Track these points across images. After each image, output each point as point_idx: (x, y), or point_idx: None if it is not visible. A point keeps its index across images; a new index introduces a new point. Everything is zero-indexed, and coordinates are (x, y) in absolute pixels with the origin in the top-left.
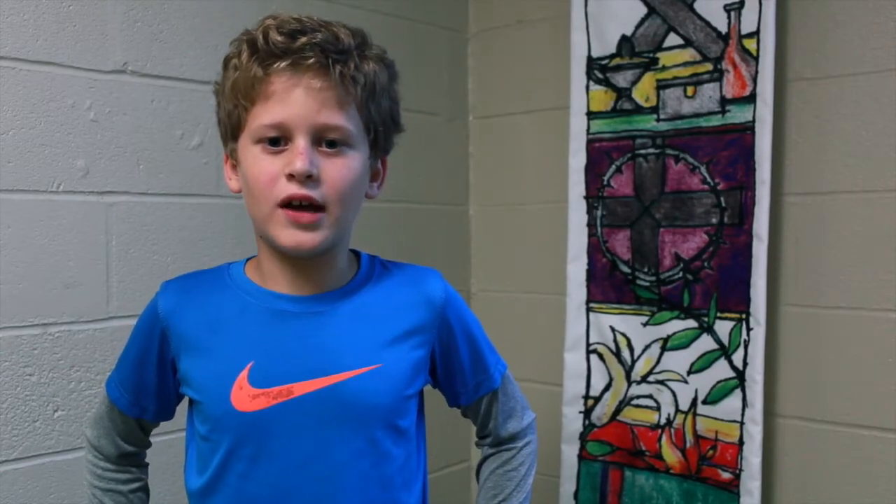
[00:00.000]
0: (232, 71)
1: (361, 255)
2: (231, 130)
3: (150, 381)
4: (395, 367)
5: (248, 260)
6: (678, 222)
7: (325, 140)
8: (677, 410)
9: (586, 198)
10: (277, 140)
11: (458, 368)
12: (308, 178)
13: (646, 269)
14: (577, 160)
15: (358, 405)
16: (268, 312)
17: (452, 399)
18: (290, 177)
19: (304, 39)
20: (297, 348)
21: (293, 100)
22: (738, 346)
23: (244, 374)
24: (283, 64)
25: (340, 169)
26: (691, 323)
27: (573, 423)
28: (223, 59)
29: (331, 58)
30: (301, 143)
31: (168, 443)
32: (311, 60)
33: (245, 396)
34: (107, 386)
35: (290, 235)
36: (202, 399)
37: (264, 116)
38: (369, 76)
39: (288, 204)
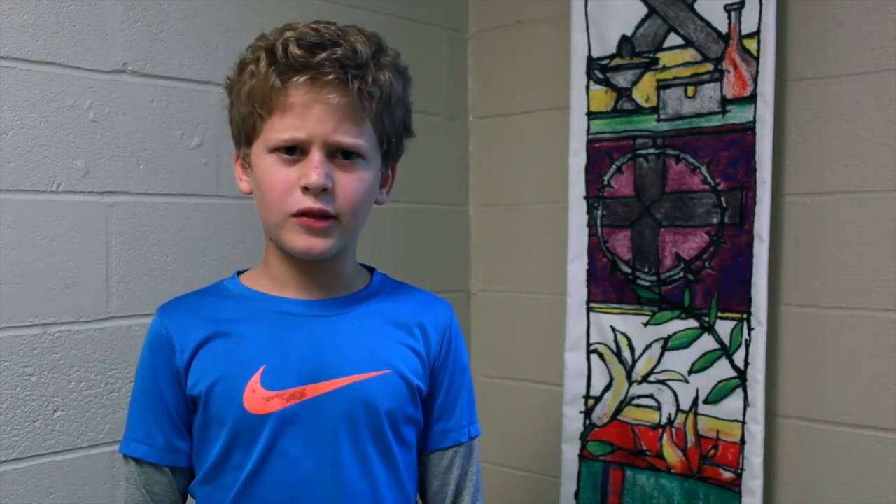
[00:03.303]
0: (248, 77)
1: (375, 271)
2: (245, 135)
3: (170, 405)
4: (402, 375)
5: (239, 273)
6: (679, 222)
7: (339, 151)
8: (678, 410)
9: (586, 198)
10: (293, 149)
11: (436, 402)
12: (323, 192)
13: (646, 269)
14: (578, 160)
15: (370, 407)
16: (278, 315)
17: (420, 440)
18: (305, 189)
19: (323, 55)
20: (308, 351)
21: (311, 115)
22: (740, 345)
23: (257, 376)
24: (303, 79)
25: (354, 181)
26: (692, 323)
27: (574, 422)
28: (239, 61)
29: (350, 73)
30: (316, 156)
31: None
32: (331, 76)
33: (258, 399)
34: (125, 451)
35: (302, 240)
36: (213, 401)
37: (281, 131)
38: (385, 88)
39: (305, 212)
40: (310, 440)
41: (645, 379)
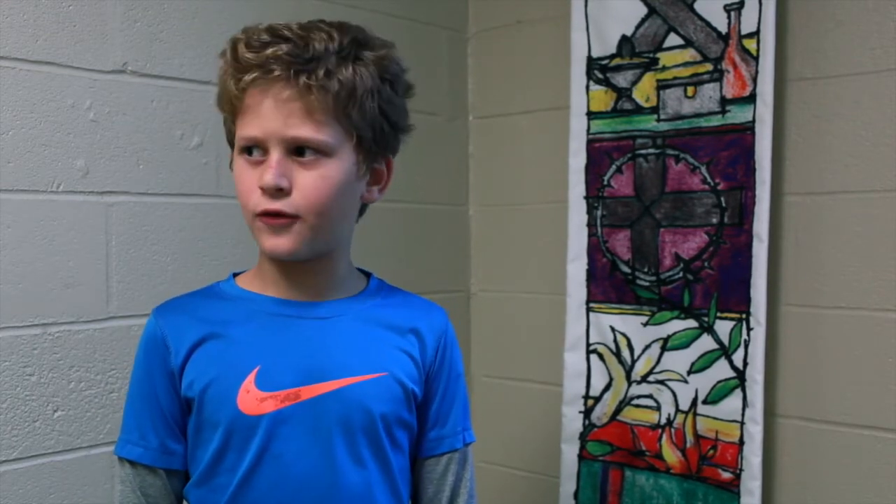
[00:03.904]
0: (218, 83)
1: (371, 275)
2: (228, 139)
3: (165, 406)
4: (398, 379)
5: (234, 275)
6: (678, 222)
7: (300, 149)
8: (677, 410)
9: (586, 198)
10: (255, 150)
11: (430, 408)
12: (279, 192)
13: (646, 269)
14: (577, 160)
15: (365, 410)
16: (273, 317)
17: (414, 447)
18: (263, 190)
19: (268, 52)
20: (303, 352)
21: (262, 114)
22: (739, 345)
23: (251, 377)
24: (252, 78)
25: (315, 179)
26: (691, 323)
27: (573, 422)
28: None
29: (294, 68)
30: (274, 156)
31: None
32: (276, 73)
33: (252, 400)
34: (120, 453)
35: (266, 240)
36: (207, 403)
37: (241, 130)
38: (346, 82)
39: (263, 213)
40: (304, 442)
41: (644, 379)
